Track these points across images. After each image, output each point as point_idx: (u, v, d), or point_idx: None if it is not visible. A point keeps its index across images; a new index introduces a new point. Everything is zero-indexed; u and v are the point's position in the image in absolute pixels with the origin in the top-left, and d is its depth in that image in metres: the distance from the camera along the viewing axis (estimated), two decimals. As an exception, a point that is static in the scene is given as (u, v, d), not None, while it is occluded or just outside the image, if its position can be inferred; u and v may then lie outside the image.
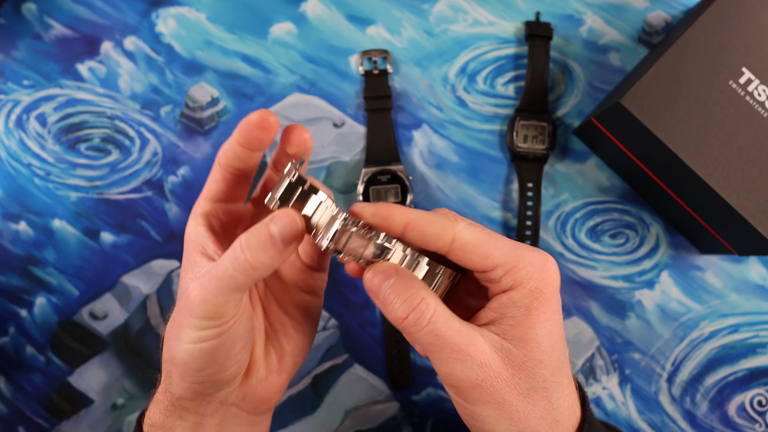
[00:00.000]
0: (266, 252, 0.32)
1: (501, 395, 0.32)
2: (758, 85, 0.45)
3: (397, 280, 0.32)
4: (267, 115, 0.34)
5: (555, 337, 0.32)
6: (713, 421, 0.52)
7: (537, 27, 0.54)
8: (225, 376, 0.35)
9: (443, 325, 0.32)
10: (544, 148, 0.53)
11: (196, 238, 0.36)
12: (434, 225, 0.33)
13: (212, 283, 0.32)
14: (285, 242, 0.32)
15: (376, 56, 0.54)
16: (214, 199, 0.37)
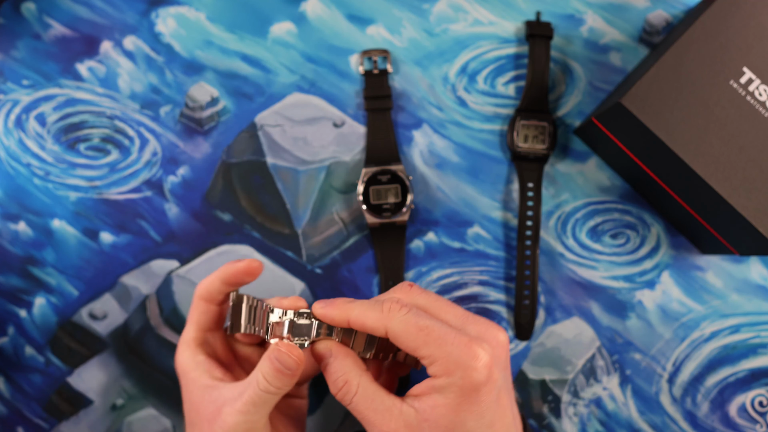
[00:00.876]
0: (282, 379, 0.39)
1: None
2: (759, 85, 0.45)
3: (330, 364, 0.39)
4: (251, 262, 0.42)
5: (469, 426, 0.37)
6: (714, 422, 0.52)
7: (537, 27, 0.54)
8: None
9: (362, 404, 0.38)
10: (545, 148, 0.53)
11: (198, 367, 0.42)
12: (369, 320, 0.38)
13: (248, 408, 0.39)
14: (291, 370, 0.39)
15: (376, 56, 0.54)
16: (203, 330, 0.44)
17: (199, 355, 0.43)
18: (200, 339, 0.44)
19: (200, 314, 0.44)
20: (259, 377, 0.39)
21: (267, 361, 0.39)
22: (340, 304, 0.40)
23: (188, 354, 0.43)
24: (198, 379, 0.42)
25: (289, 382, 0.39)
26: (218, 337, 0.45)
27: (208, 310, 0.44)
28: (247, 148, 0.53)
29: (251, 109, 0.54)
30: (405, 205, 0.52)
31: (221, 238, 0.53)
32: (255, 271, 0.43)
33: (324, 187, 0.53)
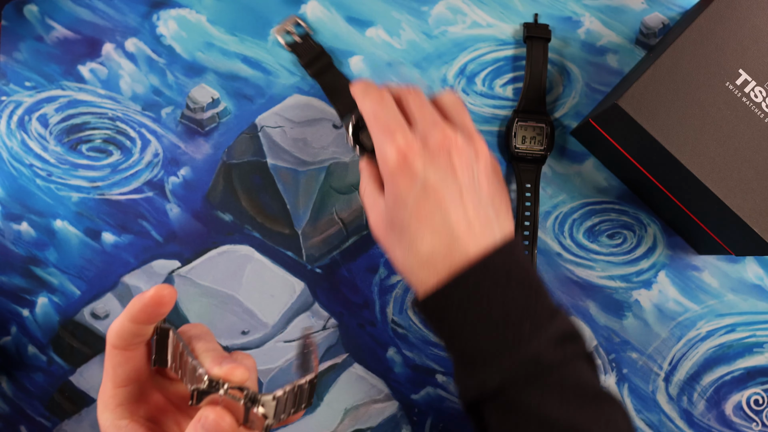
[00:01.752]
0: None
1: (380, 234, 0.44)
2: (755, 87, 0.46)
3: None
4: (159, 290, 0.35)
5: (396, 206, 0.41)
6: (710, 421, 0.53)
7: (535, 29, 0.54)
8: None
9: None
10: (542, 149, 0.53)
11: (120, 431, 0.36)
12: None
13: None
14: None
15: (290, 27, 0.54)
16: (122, 384, 0.37)
17: (120, 419, 0.36)
18: (120, 396, 0.36)
19: (115, 366, 0.36)
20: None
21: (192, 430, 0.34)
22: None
23: (108, 416, 0.36)
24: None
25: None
26: (144, 389, 0.38)
27: (125, 359, 0.36)
28: (248, 149, 0.54)
29: (252, 111, 0.54)
30: None
31: (222, 239, 0.53)
32: (165, 299, 0.35)
33: (324, 188, 0.54)
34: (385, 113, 0.43)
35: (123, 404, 0.36)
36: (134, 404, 0.37)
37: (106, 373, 0.37)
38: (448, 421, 0.53)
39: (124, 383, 0.37)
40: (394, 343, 0.53)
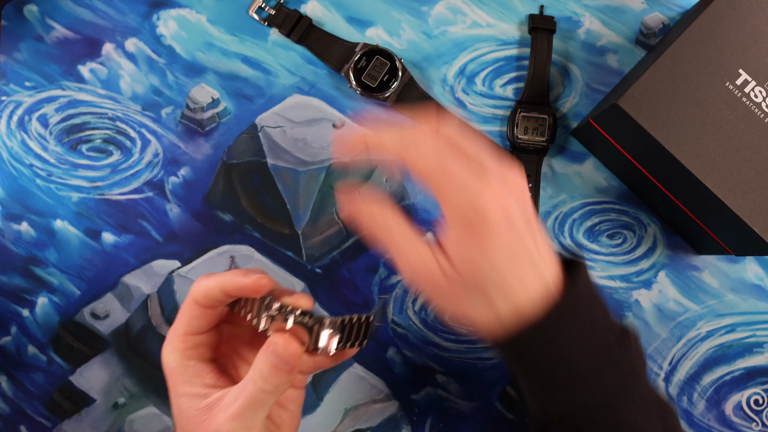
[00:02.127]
0: (279, 375, 0.37)
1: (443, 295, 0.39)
2: (755, 87, 0.46)
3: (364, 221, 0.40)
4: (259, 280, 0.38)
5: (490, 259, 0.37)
6: (710, 421, 0.53)
7: (540, 20, 0.54)
8: None
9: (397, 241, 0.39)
10: (544, 140, 0.53)
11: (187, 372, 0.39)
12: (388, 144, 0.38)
13: (245, 411, 0.37)
14: (288, 363, 0.37)
15: (260, 2, 0.54)
16: (194, 333, 0.40)
17: (188, 359, 0.40)
18: (190, 342, 0.40)
19: (192, 318, 0.40)
20: (255, 376, 0.37)
21: (263, 356, 0.37)
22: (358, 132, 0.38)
23: (175, 357, 0.40)
24: (187, 386, 0.39)
25: (287, 379, 0.38)
26: (211, 336, 0.42)
27: (203, 314, 0.40)
28: (248, 149, 0.54)
29: (252, 111, 0.54)
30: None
31: (222, 239, 0.53)
32: (262, 289, 0.39)
33: (324, 188, 0.54)
34: (450, 162, 0.37)
35: (191, 347, 0.40)
36: (202, 348, 0.40)
37: (180, 321, 0.40)
38: (448, 421, 0.53)
39: (196, 332, 0.40)
40: (394, 343, 0.53)
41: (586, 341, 0.38)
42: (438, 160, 0.37)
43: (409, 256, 0.38)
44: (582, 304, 0.38)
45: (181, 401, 0.39)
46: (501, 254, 0.37)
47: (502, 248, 0.37)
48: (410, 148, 0.37)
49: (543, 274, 0.38)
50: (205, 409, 0.38)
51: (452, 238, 0.37)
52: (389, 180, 0.54)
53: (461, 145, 0.38)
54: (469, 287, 0.37)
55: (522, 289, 0.37)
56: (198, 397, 0.39)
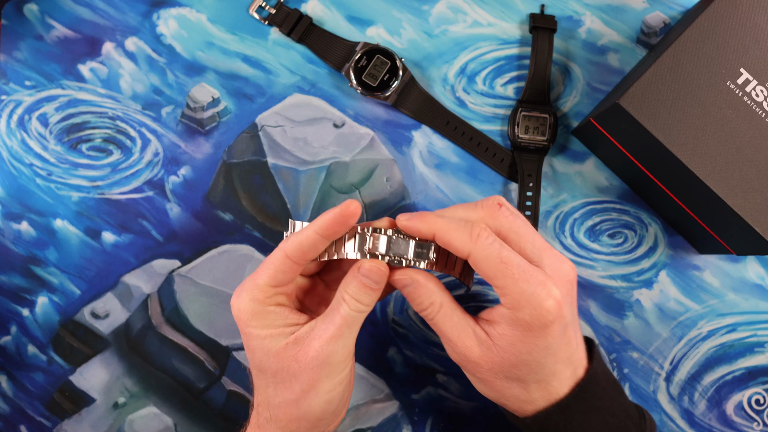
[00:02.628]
0: (371, 294, 0.40)
1: (480, 375, 0.41)
2: (756, 86, 0.45)
3: (413, 289, 0.41)
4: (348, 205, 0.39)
5: (536, 356, 0.39)
6: (711, 420, 0.53)
7: (541, 19, 0.54)
8: (344, 407, 0.43)
9: (442, 321, 0.41)
10: (545, 139, 0.53)
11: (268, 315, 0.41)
12: (456, 241, 0.40)
13: (344, 331, 0.40)
14: (378, 284, 0.40)
15: (261, 1, 0.54)
16: (277, 285, 0.41)
17: (268, 306, 0.41)
18: (271, 293, 0.41)
19: (278, 272, 0.41)
20: (347, 297, 0.40)
21: (353, 279, 0.40)
22: (429, 218, 0.40)
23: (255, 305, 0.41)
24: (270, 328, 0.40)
25: (376, 297, 0.40)
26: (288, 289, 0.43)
27: (290, 269, 0.41)
28: (248, 149, 0.54)
29: (252, 110, 0.54)
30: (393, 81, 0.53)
31: (222, 238, 0.53)
32: (354, 213, 0.39)
33: (324, 187, 0.54)
34: (512, 257, 0.39)
35: (272, 296, 0.41)
36: (282, 296, 0.42)
37: (265, 272, 0.41)
38: (449, 421, 0.53)
39: (279, 285, 0.41)
40: (394, 343, 0.53)
41: (605, 420, 0.41)
42: (498, 253, 0.39)
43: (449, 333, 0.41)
44: (599, 384, 0.42)
45: (265, 342, 0.40)
46: (546, 351, 0.39)
47: (548, 346, 0.39)
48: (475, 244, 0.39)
49: (575, 364, 0.41)
50: (295, 342, 0.40)
51: (503, 326, 0.40)
52: (389, 180, 0.54)
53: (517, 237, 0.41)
54: (509, 376, 0.40)
55: (557, 381, 0.41)
56: (284, 335, 0.40)
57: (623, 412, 0.42)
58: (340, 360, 0.40)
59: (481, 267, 0.39)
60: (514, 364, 0.40)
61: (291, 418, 0.41)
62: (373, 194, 0.54)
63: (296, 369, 0.40)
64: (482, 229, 0.40)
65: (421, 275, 0.41)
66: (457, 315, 0.41)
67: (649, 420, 0.43)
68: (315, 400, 0.40)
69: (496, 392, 0.42)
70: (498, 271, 0.39)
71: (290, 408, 0.41)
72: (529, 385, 0.41)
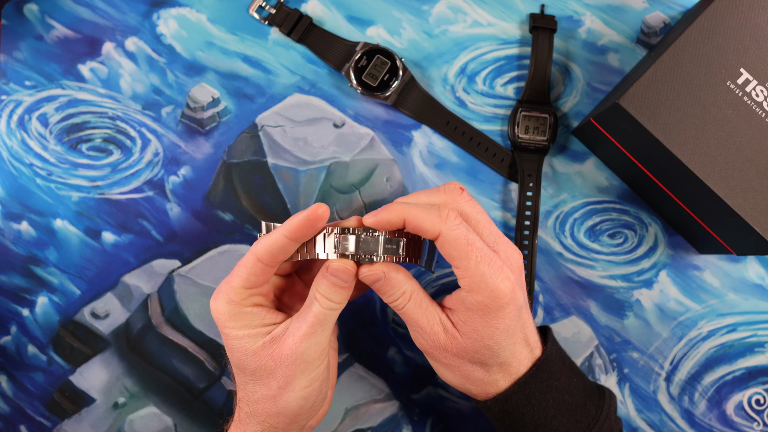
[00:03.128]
0: (340, 293, 0.41)
1: (447, 360, 0.43)
2: (756, 86, 0.45)
3: (384, 282, 0.42)
4: (315, 209, 0.40)
5: (497, 339, 0.41)
6: (711, 420, 0.53)
7: (541, 19, 0.54)
8: (322, 403, 0.44)
9: (413, 310, 0.42)
10: (545, 139, 0.53)
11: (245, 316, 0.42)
12: (426, 223, 0.40)
13: (316, 329, 0.41)
14: (347, 282, 0.41)
15: (261, 1, 0.54)
16: (251, 287, 0.42)
17: (244, 307, 0.42)
18: (245, 294, 0.42)
19: (251, 274, 0.42)
20: (318, 296, 0.41)
21: (323, 279, 0.41)
22: (395, 206, 0.41)
23: (231, 307, 0.42)
24: (247, 328, 0.42)
25: (346, 295, 0.42)
26: (265, 288, 0.44)
27: (262, 271, 0.42)
28: (248, 149, 0.54)
29: (252, 110, 0.54)
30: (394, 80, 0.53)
31: (222, 238, 0.53)
32: (322, 216, 0.40)
33: (324, 187, 0.54)
34: (476, 240, 0.41)
35: (247, 298, 0.42)
36: (257, 297, 0.43)
37: (238, 276, 0.42)
38: (449, 422, 0.53)
39: (253, 287, 0.42)
40: (394, 343, 0.53)
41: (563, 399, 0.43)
42: (465, 235, 0.40)
43: (420, 321, 0.42)
44: (556, 365, 0.44)
45: (242, 342, 0.42)
46: (505, 333, 0.41)
47: (506, 328, 0.41)
48: (444, 224, 0.40)
49: (532, 345, 0.43)
50: (271, 341, 0.41)
51: (463, 311, 0.41)
52: (389, 180, 0.54)
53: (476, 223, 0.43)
54: (473, 360, 0.42)
55: (517, 361, 0.43)
56: (261, 335, 0.41)
57: (581, 391, 0.44)
58: (314, 357, 0.41)
59: (447, 248, 0.40)
60: (477, 350, 0.42)
61: (269, 413, 0.42)
62: (373, 194, 0.54)
63: (272, 366, 0.41)
64: (450, 211, 0.41)
65: (391, 268, 0.42)
66: (426, 302, 0.43)
67: (608, 397, 0.45)
68: (291, 395, 0.41)
69: (461, 378, 0.43)
70: (463, 252, 0.40)
71: (268, 404, 0.42)
72: (492, 368, 0.43)
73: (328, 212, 0.40)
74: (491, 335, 0.41)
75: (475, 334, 0.41)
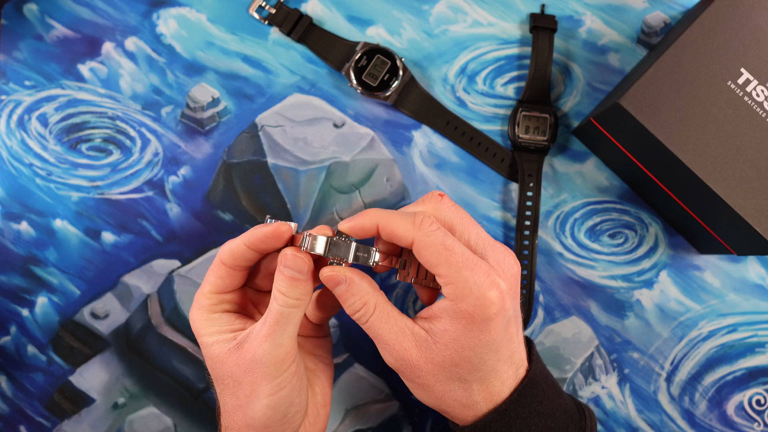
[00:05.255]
0: (297, 286, 0.39)
1: (421, 380, 0.39)
2: (756, 86, 0.45)
3: (347, 289, 0.39)
4: (279, 226, 0.40)
5: (478, 351, 0.38)
6: (712, 420, 0.53)
7: (542, 19, 0.54)
8: (298, 417, 0.41)
9: (378, 323, 0.39)
10: (546, 139, 0.53)
11: (215, 323, 0.41)
12: (399, 229, 0.39)
13: (275, 329, 0.39)
14: (302, 273, 0.39)
15: (261, 1, 0.54)
16: (220, 292, 0.42)
17: (213, 313, 0.41)
18: (215, 300, 0.42)
19: (218, 278, 0.41)
20: (275, 293, 0.39)
21: (278, 274, 0.39)
22: (370, 211, 0.40)
23: (201, 313, 0.41)
24: (216, 334, 0.40)
25: (305, 290, 0.39)
26: (237, 295, 0.43)
27: (228, 274, 0.41)
28: (248, 149, 0.53)
29: (252, 110, 0.54)
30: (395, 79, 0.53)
31: (222, 238, 0.53)
32: (282, 235, 0.40)
33: (324, 187, 0.54)
34: (455, 244, 0.38)
35: (216, 304, 0.42)
36: (227, 303, 0.42)
37: (207, 280, 0.42)
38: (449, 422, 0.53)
39: (221, 291, 0.42)
40: (394, 343, 0.53)
41: (545, 424, 0.40)
42: (442, 240, 0.38)
43: (386, 336, 0.39)
44: (539, 386, 0.41)
45: (213, 349, 0.40)
46: (488, 347, 0.38)
47: (490, 342, 0.38)
48: (418, 229, 0.38)
49: (517, 364, 0.40)
50: (237, 347, 0.39)
51: (446, 320, 0.38)
52: (390, 180, 0.54)
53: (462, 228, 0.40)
54: (450, 377, 0.39)
55: (499, 381, 0.39)
56: (229, 341, 0.40)
57: (563, 414, 0.41)
58: (277, 360, 0.39)
59: (424, 254, 0.38)
60: (456, 363, 0.38)
61: (240, 425, 0.40)
62: (373, 194, 0.54)
63: (239, 374, 0.39)
64: (425, 216, 0.39)
65: (355, 273, 0.40)
66: (393, 316, 0.39)
67: (589, 417, 0.43)
68: (256, 405, 0.39)
69: (437, 398, 0.40)
70: (441, 257, 0.37)
71: (238, 415, 0.40)
72: (471, 385, 0.39)
73: (291, 232, 0.40)
74: (472, 347, 0.38)
75: (455, 344, 0.38)
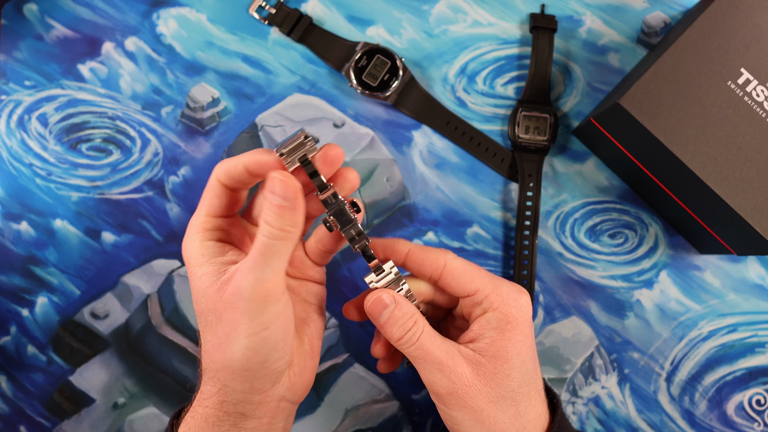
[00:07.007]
0: (284, 215, 0.35)
1: (474, 402, 0.38)
2: (756, 86, 0.45)
3: (395, 308, 0.39)
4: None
5: (524, 357, 0.39)
6: (712, 420, 0.53)
7: (542, 19, 0.54)
8: (282, 364, 0.38)
9: (428, 341, 0.38)
10: (545, 139, 0.53)
11: (207, 252, 0.38)
12: (429, 254, 0.40)
13: (258, 261, 0.35)
14: (290, 200, 0.35)
15: (261, 1, 0.54)
16: (215, 215, 0.40)
17: (207, 240, 0.39)
18: (210, 225, 0.39)
19: (214, 197, 0.39)
20: (261, 224, 0.36)
21: (264, 201, 0.36)
22: (400, 240, 0.41)
23: (195, 240, 0.39)
24: (206, 265, 0.38)
25: (293, 219, 0.36)
26: (233, 222, 0.41)
27: (224, 194, 0.39)
28: (248, 149, 0.53)
29: (252, 110, 0.54)
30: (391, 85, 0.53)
31: (222, 238, 0.53)
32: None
33: (324, 187, 0.53)
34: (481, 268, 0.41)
35: (211, 230, 0.39)
36: (221, 231, 0.40)
37: (202, 202, 0.40)
38: (449, 421, 0.53)
39: (216, 213, 0.40)
40: (394, 343, 0.53)
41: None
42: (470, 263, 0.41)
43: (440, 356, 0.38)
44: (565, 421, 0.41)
45: (201, 281, 0.37)
46: (531, 350, 0.39)
47: (531, 344, 0.39)
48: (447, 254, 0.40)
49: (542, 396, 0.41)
50: (225, 282, 0.37)
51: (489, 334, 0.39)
52: (390, 180, 0.54)
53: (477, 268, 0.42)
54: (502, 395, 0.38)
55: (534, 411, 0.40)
56: (217, 274, 0.37)
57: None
58: (259, 295, 0.35)
59: (457, 274, 0.40)
60: (507, 373, 0.38)
61: (218, 367, 0.37)
62: (373, 194, 0.54)
63: (221, 309, 0.36)
64: (448, 251, 0.41)
65: (395, 294, 0.39)
66: (439, 336, 0.39)
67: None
68: (236, 344, 0.36)
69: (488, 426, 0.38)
70: (475, 273, 0.40)
71: (216, 355, 0.37)
72: (520, 405, 0.39)
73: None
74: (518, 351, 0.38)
75: (503, 352, 0.38)
